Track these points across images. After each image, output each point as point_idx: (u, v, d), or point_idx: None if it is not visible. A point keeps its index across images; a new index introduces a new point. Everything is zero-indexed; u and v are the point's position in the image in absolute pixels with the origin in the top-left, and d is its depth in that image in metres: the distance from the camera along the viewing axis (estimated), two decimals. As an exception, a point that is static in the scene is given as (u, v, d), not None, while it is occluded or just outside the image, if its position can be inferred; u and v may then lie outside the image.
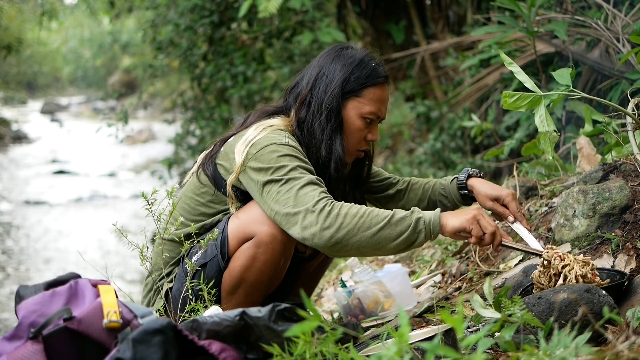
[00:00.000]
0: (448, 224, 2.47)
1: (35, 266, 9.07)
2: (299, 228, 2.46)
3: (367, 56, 2.79)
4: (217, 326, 1.88)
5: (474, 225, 2.46)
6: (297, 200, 2.47)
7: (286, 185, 2.51)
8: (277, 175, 2.53)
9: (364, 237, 2.42)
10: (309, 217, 2.44)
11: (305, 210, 2.45)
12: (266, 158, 2.57)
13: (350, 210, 2.44)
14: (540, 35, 4.70)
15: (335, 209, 2.44)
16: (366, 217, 2.43)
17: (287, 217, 2.48)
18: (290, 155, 2.58)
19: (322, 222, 2.42)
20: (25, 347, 1.86)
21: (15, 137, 22.09)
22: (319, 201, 2.46)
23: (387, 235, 2.42)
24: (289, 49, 8.21)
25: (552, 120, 2.67)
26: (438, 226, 2.46)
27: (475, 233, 2.45)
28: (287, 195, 2.49)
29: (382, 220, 2.42)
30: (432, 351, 1.49)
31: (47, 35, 29.83)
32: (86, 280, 2.06)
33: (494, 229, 2.46)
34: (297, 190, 2.49)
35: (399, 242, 2.43)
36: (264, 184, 2.55)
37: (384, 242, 2.43)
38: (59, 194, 13.65)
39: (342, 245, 2.44)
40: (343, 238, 2.42)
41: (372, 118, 2.77)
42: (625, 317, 2.09)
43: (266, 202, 2.55)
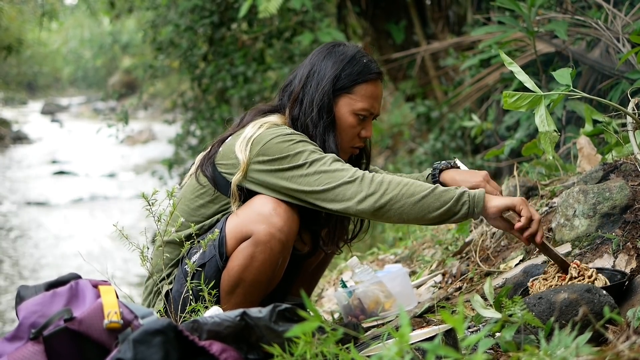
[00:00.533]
0: (493, 201, 2.46)
1: (35, 267, 9.07)
2: (340, 200, 2.50)
3: (359, 53, 2.79)
4: (217, 327, 1.88)
5: (524, 207, 2.44)
6: (332, 176, 2.52)
7: (312, 166, 2.55)
8: (297, 161, 2.57)
9: (407, 203, 2.45)
10: (351, 188, 2.49)
11: (345, 182, 2.50)
12: (277, 149, 2.59)
13: (393, 178, 2.50)
14: (540, 35, 4.70)
15: (377, 177, 2.50)
16: (410, 185, 2.47)
17: (325, 194, 2.52)
18: (302, 141, 2.62)
19: (367, 188, 2.48)
20: (25, 348, 1.86)
21: (15, 137, 22.08)
22: (355, 172, 2.52)
23: (431, 204, 2.45)
24: (289, 50, 8.21)
25: (553, 120, 2.67)
26: (482, 202, 2.46)
27: (525, 213, 2.42)
28: (318, 174, 2.54)
29: (426, 189, 2.46)
30: (433, 351, 1.49)
31: (47, 36, 29.80)
32: (87, 280, 2.06)
33: (540, 217, 2.45)
34: (327, 167, 2.54)
35: (442, 212, 2.45)
36: (284, 172, 2.58)
37: (427, 210, 2.45)
38: (60, 195, 13.65)
39: (386, 210, 2.47)
40: (387, 203, 2.46)
41: (365, 114, 2.77)
42: (626, 317, 2.09)
43: (293, 188, 2.57)
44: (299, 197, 2.58)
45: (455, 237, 3.76)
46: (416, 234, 4.32)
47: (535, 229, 2.44)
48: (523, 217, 2.43)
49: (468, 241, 3.55)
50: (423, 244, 4.15)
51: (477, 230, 3.61)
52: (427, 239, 4.17)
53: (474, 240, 3.49)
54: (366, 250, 4.78)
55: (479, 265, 3.27)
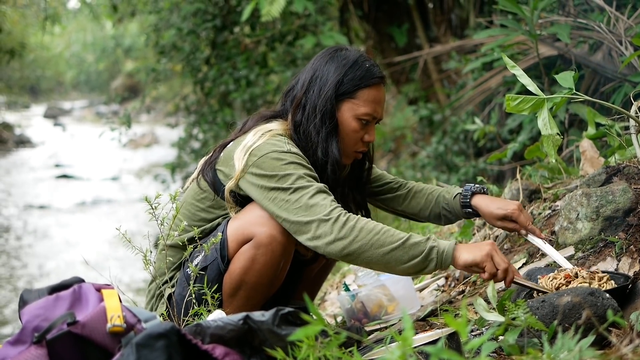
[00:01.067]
0: (461, 257, 2.46)
1: (37, 271, 9.07)
2: (310, 236, 2.48)
3: (362, 57, 2.78)
4: (220, 330, 1.88)
5: (488, 262, 2.45)
6: (309, 210, 2.49)
7: (295, 194, 2.52)
8: (283, 184, 2.54)
9: (375, 254, 2.44)
10: (323, 227, 2.46)
11: (319, 220, 2.47)
12: (269, 165, 2.58)
13: (366, 225, 2.46)
14: (542, 38, 4.70)
15: (350, 221, 2.47)
16: (381, 235, 2.44)
17: (298, 225, 2.50)
18: (294, 163, 2.59)
19: (337, 232, 2.45)
20: (29, 352, 1.86)
21: (18, 141, 22.11)
22: (332, 210, 2.48)
23: (399, 257, 2.44)
24: (292, 53, 8.22)
25: (555, 123, 2.66)
26: (450, 258, 2.46)
27: (488, 269, 2.45)
28: (297, 204, 2.51)
29: (396, 242, 2.44)
30: (436, 355, 1.49)
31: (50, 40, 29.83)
32: (90, 284, 2.06)
33: (506, 265, 2.46)
34: (308, 199, 2.51)
35: (409, 267, 2.45)
36: (269, 191, 2.56)
37: (394, 263, 2.44)
38: (62, 198, 13.66)
39: (353, 258, 2.47)
40: (355, 251, 2.44)
41: (368, 119, 2.76)
42: (629, 320, 2.08)
43: (272, 210, 2.56)
44: (277, 220, 2.58)
45: (458, 241, 3.75)
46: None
47: (500, 279, 2.46)
48: (486, 273, 2.45)
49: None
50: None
51: (480, 233, 3.61)
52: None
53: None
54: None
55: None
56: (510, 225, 2.80)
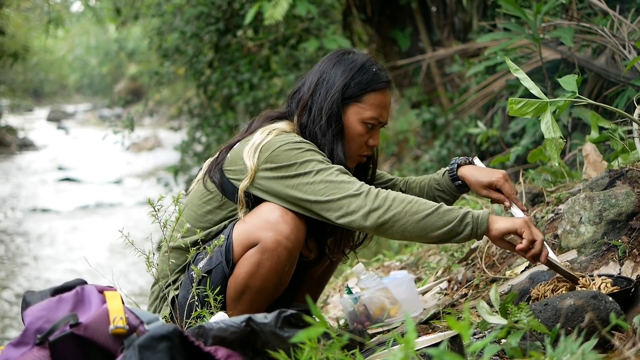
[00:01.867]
0: (497, 223, 2.47)
1: (40, 273, 9.08)
2: (343, 212, 2.50)
3: (369, 61, 2.79)
4: (223, 332, 1.88)
5: (526, 229, 2.44)
6: (337, 187, 2.52)
7: (318, 175, 2.54)
8: (304, 169, 2.57)
9: (410, 221, 2.45)
10: (355, 201, 2.48)
11: (350, 195, 2.49)
12: (285, 156, 2.59)
13: (398, 195, 2.49)
14: (546, 42, 4.70)
15: (382, 193, 2.50)
16: (414, 203, 2.47)
17: (329, 204, 2.52)
18: (310, 150, 2.62)
19: (371, 203, 2.47)
20: (31, 353, 1.86)
21: (21, 144, 22.14)
22: (361, 186, 2.51)
23: (434, 223, 2.45)
24: (295, 56, 8.22)
25: (558, 126, 2.66)
26: (486, 223, 2.46)
27: (527, 236, 2.43)
28: (324, 184, 2.53)
29: (430, 208, 2.46)
30: (439, 357, 1.49)
31: (53, 43, 29.89)
32: (92, 286, 2.06)
33: (543, 237, 2.45)
34: (334, 177, 2.54)
35: (444, 232, 2.45)
36: (290, 179, 2.57)
37: (429, 229, 2.45)
38: (65, 202, 13.67)
39: (388, 227, 2.47)
40: (390, 219, 2.46)
41: (373, 123, 2.77)
42: (632, 323, 2.08)
43: (298, 196, 2.57)
44: (304, 206, 2.58)
45: (461, 244, 3.75)
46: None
47: (537, 251, 2.44)
48: (524, 240, 2.43)
49: (474, 248, 3.54)
50: (429, 251, 4.15)
51: (482, 236, 3.60)
52: (432, 246, 4.17)
53: (479, 246, 3.48)
54: (372, 256, 4.78)
55: (484, 271, 3.27)
56: (495, 194, 2.77)
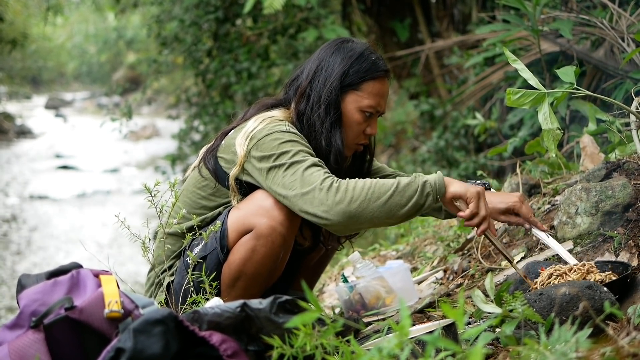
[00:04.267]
0: (451, 186, 2.50)
1: (37, 260, 9.08)
2: (310, 208, 2.48)
3: (368, 50, 2.79)
4: (218, 317, 1.89)
5: (475, 200, 2.48)
6: (303, 182, 2.50)
7: (290, 169, 2.54)
8: (280, 161, 2.56)
9: (375, 207, 2.44)
10: (319, 196, 2.47)
11: (314, 189, 2.48)
12: (268, 146, 2.59)
13: (357, 183, 2.47)
14: (545, 34, 4.70)
15: (343, 185, 2.47)
16: (374, 187, 2.46)
17: (295, 199, 2.51)
18: (291, 141, 2.61)
19: (333, 197, 2.45)
20: (26, 336, 1.86)
21: (19, 132, 22.10)
22: (325, 179, 2.49)
23: (398, 202, 2.45)
24: (294, 46, 8.21)
25: (556, 118, 2.66)
26: (443, 187, 2.49)
27: (472, 207, 2.48)
28: (293, 178, 2.52)
29: (390, 188, 2.45)
30: (433, 344, 1.49)
31: (52, 31, 29.78)
32: (88, 270, 2.06)
33: (487, 214, 2.49)
34: (302, 172, 2.52)
35: (410, 207, 2.46)
36: (267, 171, 2.57)
37: (395, 209, 2.45)
38: (63, 189, 13.66)
39: (356, 219, 2.46)
40: (356, 211, 2.44)
41: (371, 112, 2.77)
42: (627, 313, 2.09)
43: (272, 189, 2.57)
44: (279, 200, 2.58)
45: (457, 234, 3.76)
46: (418, 230, 4.32)
47: (475, 223, 2.50)
48: (468, 210, 2.48)
49: (470, 238, 3.55)
50: (425, 241, 4.15)
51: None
52: (428, 236, 4.17)
53: (475, 236, 3.48)
54: (368, 246, 4.78)
55: (480, 262, 3.27)
56: (514, 219, 2.77)
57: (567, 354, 1.63)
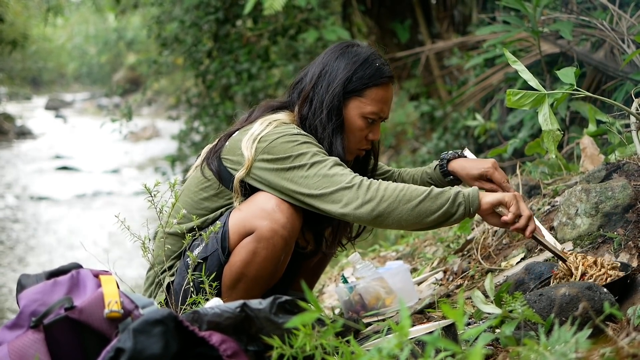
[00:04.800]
0: (486, 197, 2.48)
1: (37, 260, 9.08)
2: (338, 206, 2.49)
3: (373, 55, 2.77)
4: (217, 318, 1.88)
5: (514, 203, 2.46)
6: (330, 180, 2.50)
7: (313, 168, 2.54)
8: (299, 162, 2.56)
9: (404, 209, 2.44)
10: (348, 194, 2.47)
11: (342, 188, 2.48)
12: (282, 148, 2.58)
13: (389, 185, 2.48)
14: (545, 35, 4.70)
15: (374, 184, 2.48)
16: (406, 191, 2.45)
17: (322, 198, 2.51)
18: (307, 142, 2.61)
19: (363, 196, 2.46)
20: (26, 336, 1.86)
21: (19, 132, 22.09)
22: (354, 178, 2.50)
23: (428, 208, 2.44)
24: (294, 47, 8.22)
25: (556, 119, 2.66)
26: (477, 199, 2.47)
27: (513, 210, 2.45)
28: (317, 177, 2.52)
29: (422, 194, 2.45)
30: (433, 344, 1.49)
31: (52, 32, 29.81)
32: (88, 270, 2.06)
33: (531, 213, 2.47)
34: (327, 170, 2.52)
35: (439, 215, 2.45)
36: (285, 172, 2.57)
37: (424, 214, 2.45)
38: (63, 190, 13.65)
39: (384, 218, 2.46)
40: (385, 211, 2.45)
41: (374, 118, 2.76)
42: (627, 314, 2.09)
43: (292, 189, 2.56)
44: (298, 199, 2.57)
45: (457, 235, 3.76)
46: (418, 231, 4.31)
47: (522, 225, 2.46)
48: (510, 213, 2.45)
49: (470, 239, 3.55)
50: (425, 242, 4.15)
51: (479, 228, 3.62)
52: (428, 237, 4.17)
53: (475, 237, 3.49)
54: (368, 247, 4.78)
55: (480, 262, 3.27)
56: (487, 185, 2.78)
57: (567, 355, 1.63)
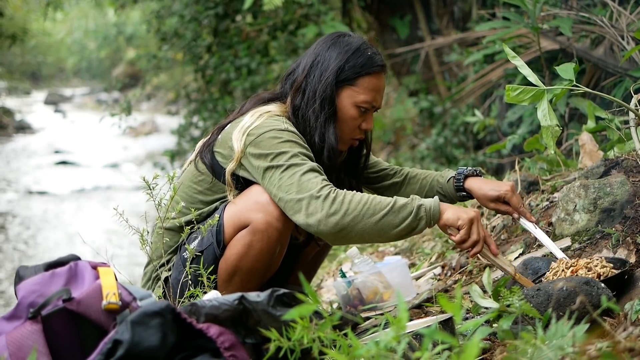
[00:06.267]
0: (445, 214, 2.51)
1: (36, 255, 9.08)
2: (303, 214, 2.48)
3: (364, 44, 2.78)
4: (215, 310, 1.89)
5: (466, 227, 2.49)
6: (300, 187, 2.49)
7: (288, 171, 2.53)
8: (278, 162, 2.55)
9: (368, 223, 2.44)
10: (314, 204, 2.46)
11: (310, 197, 2.47)
12: (266, 144, 2.58)
13: (354, 197, 2.47)
14: (544, 32, 4.70)
15: (339, 196, 2.46)
16: (370, 204, 2.45)
17: (290, 204, 2.50)
18: (290, 141, 2.60)
19: (328, 208, 2.44)
20: (24, 327, 1.86)
21: (18, 127, 22.05)
22: (322, 188, 2.48)
23: (390, 222, 2.45)
24: (294, 42, 8.20)
25: (555, 115, 2.66)
26: (438, 213, 2.49)
27: (461, 234, 2.50)
28: (290, 181, 2.51)
29: (385, 207, 2.45)
30: (430, 336, 1.49)
31: (52, 26, 29.76)
32: (86, 262, 2.06)
33: (479, 238, 2.51)
34: (300, 176, 2.51)
35: (402, 229, 2.46)
36: (264, 170, 2.56)
37: (387, 228, 2.45)
38: (62, 185, 13.64)
39: (347, 232, 2.46)
40: (348, 224, 2.44)
41: (367, 107, 2.76)
42: (624, 309, 2.09)
43: (269, 190, 2.56)
44: (275, 201, 2.58)
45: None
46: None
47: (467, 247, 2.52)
48: (458, 235, 2.50)
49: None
50: (423, 237, 4.15)
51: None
52: (427, 232, 4.17)
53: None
54: (366, 242, 4.77)
55: (478, 258, 3.27)
56: (503, 207, 2.79)
57: (564, 348, 1.63)
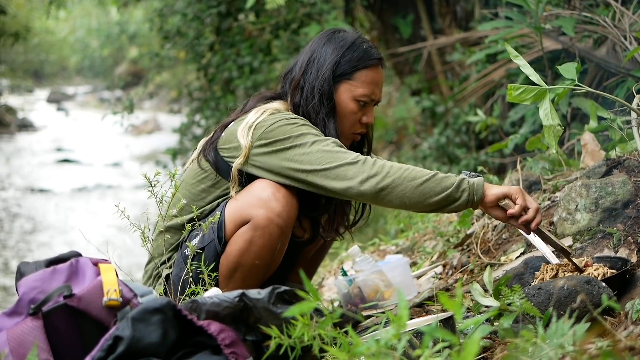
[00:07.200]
0: (492, 189, 2.48)
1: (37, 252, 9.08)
2: (342, 180, 2.51)
3: (359, 39, 2.80)
4: (216, 307, 1.89)
5: (520, 195, 2.46)
6: (333, 156, 2.54)
7: (315, 145, 2.56)
8: (300, 141, 2.59)
9: (408, 187, 2.46)
10: (353, 169, 2.50)
11: (347, 163, 2.51)
12: (280, 131, 2.61)
13: (394, 163, 2.52)
14: (547, 31, 4.69)
15: (379, 161, 2.52)
16: (411, 170, 2.49)
17: (326, 172, 2.53)
18: (305, 125, 2.65)
19: (369, 170, 2.49)
20: (24, 323, 1.86)
21: (21, 125, 22.05)
22: (357, 155, 2.53)
23: (432, 189, 2.46)
24: (296, 41, 8.19)
25: (557, 114, 2.66)
26: (481, 189, 2.48)
27: (520, 202, 2.44)
28: (320, 153, 2.55)
29: (427, 174, 2.48)
30: (430, 334, 1.49)
31: (54, 24, 29.76)
32: (87, 258, 2.06)
33: (538, 206, 2.47)
34: (330, 148, 2.56)
35: (442, 198, 2.46)
36: (286, 151, 2.59)
37: (428, 195, 2.46)
38: (64, 183, 13.65)
39: (387, 193, 2.48)
40: (389, 185, 2.47)
41: (366, 100, 2.78)
42: (625, 308, 2.09)
43: (294, 167, 2.58)
44: (300, 177, 2.58)
45: (457, 229, 3.76)
46: (418, 225, 4.31)
47: (530, 217, 2.46)
48: (517, 205, 2.45)
49: (469, 233, 3.55)
50: (424, 236, 4.15)
51: (478, 222, 3.62)
52: (428, 231, 4.17)
53: (475, 232, 3.49)
54: (367, 240, 4.78)
55: (479, 257, 3.28)
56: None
57: (564, 347, 1.63)
